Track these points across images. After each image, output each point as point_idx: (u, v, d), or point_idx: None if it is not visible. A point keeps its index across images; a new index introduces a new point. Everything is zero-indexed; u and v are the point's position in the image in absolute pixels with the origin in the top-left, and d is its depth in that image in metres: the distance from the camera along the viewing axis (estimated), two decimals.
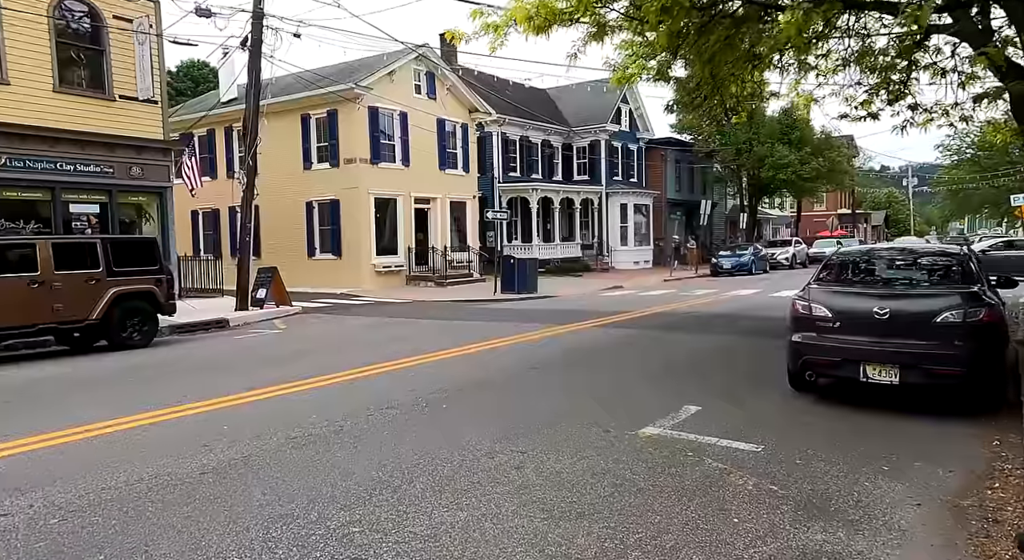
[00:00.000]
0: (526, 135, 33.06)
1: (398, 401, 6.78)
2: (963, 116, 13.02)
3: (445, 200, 25.72)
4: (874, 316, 6.09)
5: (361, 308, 17.48)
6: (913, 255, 7.43)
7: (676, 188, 40.13)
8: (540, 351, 9.87)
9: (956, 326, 5.84)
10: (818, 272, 7.22)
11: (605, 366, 8.63)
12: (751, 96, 14.70)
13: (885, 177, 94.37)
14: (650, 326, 12.47)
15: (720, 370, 8.29)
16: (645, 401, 6.67)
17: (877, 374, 6.07)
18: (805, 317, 6.57)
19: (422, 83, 24.68)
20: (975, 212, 69.49)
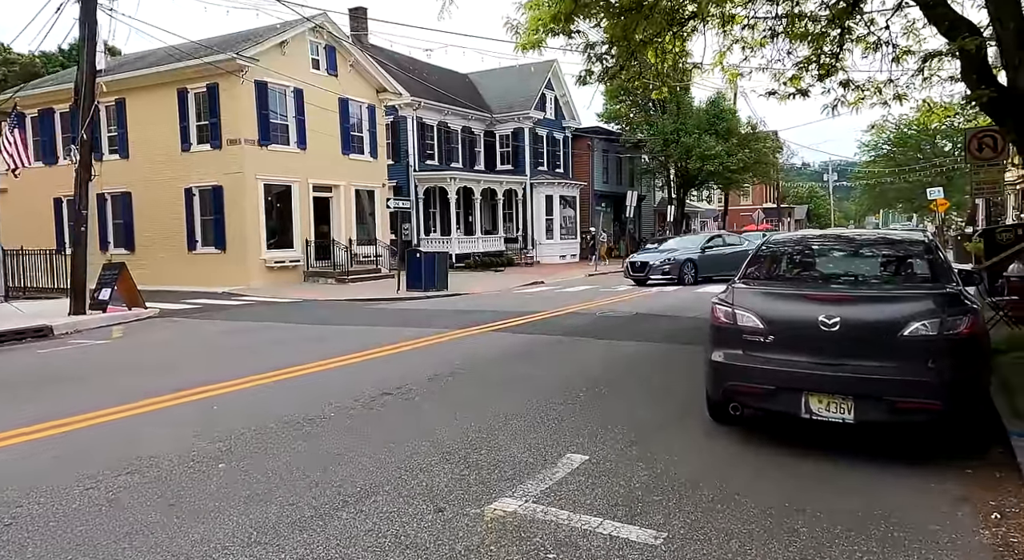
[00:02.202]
0: (444, 120, 30.94)
1: (150, 460, 4.67)
2: (897, 94, 11.86)
3: (350, 188, 23.34)
4: (820, 327, 4.43)
5: (235, 310, 15.04)
6: (865, 244, 5.81)
7: (604, 179, 38.90)
8: (408, 368, 7.90)
9: (930, 341, 4.24)
10: (745, 267, 5.52)
11: (479, 392, 6.74)
12: (673, 68, 13.15)
13: (807, 173, 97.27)
14: (557, 330, 10.70)
15: (626, 392, 6.54)
16: (513, 449, 4.80)
17: (824, 409, 4.41)
18: (728, 328, 4.85)
19: (321, 58, 22.18)
20: (890, 206, 72.10)
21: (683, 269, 18.82)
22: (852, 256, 5.53)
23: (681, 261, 18.93)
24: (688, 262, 19.04)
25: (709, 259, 19.38)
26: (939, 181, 43.34)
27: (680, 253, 19.40)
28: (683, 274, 18.76)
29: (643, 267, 19.02)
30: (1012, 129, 7.17)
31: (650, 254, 20.14)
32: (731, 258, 18.70)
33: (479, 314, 13.13)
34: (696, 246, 20.10)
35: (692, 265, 19.01)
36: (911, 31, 11.32)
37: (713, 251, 19.79)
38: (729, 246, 20.43)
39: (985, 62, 7.60)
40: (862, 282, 5.01)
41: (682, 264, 18.89)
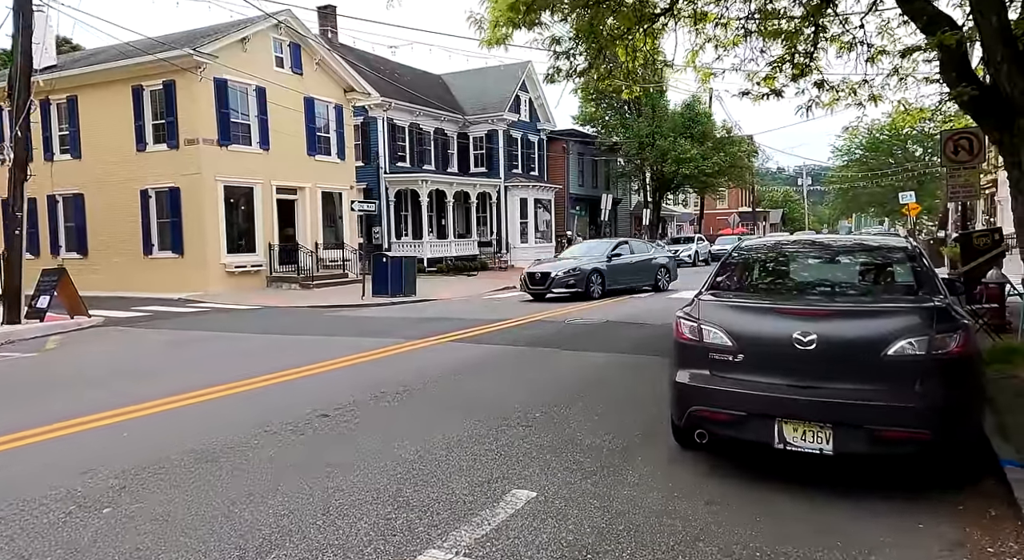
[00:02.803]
0: (416, 122, 30.29)
1: (21, 505, 4.02)
2: (872, 95, 11.55)
3: (316, 190, 22.59)
4: (795, 346, 3.93)
5: (188, 318, 14.26)
6: (843, 251, 5.32)
7: (579, 182, 38.53)
8: (355, 385, 7.30)
9: (917, 362, 3.76)
10: (713, 275, 5.02)
11: (427, 413, 6.16)
12: (644, 67, 12.73)
13: (782, 178, 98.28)
14: (522, 340, 10.15)
15: (588, 410, 6.01)
16: (453, 485, 4.24)
17: (800, 438, 3.91)
18: (693, 345, 4.34)
19: (285, 55, 21.43)
20: (863, 210, 72.90)
21: (590, 280, 16.13)
22: (830, 265, 5.06)
23: (588, 271, 16.14)
24: (595, 272, 16.30)
25: (616, 269, 16.96)
26: (910, 185, 43.76)
27: (586, 262, 16.60)
28: (590, 286, 16.09)
29: (543, 279, 16.03)
30: (994, 128, 6.80)
31: (551, 264, 17.16)
32: (638, 267, 17.60)
33: (443, 322, 12.54)
34: (602, 254, 17.22)
35: (599, 276, 16.41)
36: (886, 30, 11.01)
37: (620, 260, 17.27)
38: (636, 254, 18.13)
39: (965, 58, 7.23)
40: (841, 294, 4.54)
41: (589, 275, 16.14)
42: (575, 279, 15.96)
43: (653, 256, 18.61)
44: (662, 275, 18.26)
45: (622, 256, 17.43)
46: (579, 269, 16.18)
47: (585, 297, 15.89)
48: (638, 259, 17.93)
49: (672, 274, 18.72)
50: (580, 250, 18.46)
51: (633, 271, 17.45)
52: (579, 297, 15.89)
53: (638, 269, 17.62)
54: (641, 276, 17.67)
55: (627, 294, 16.84)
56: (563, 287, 15.84)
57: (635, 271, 17.49)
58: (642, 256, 18.21)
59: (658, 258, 18.62)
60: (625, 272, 17.21)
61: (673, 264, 19.08)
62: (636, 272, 17.51)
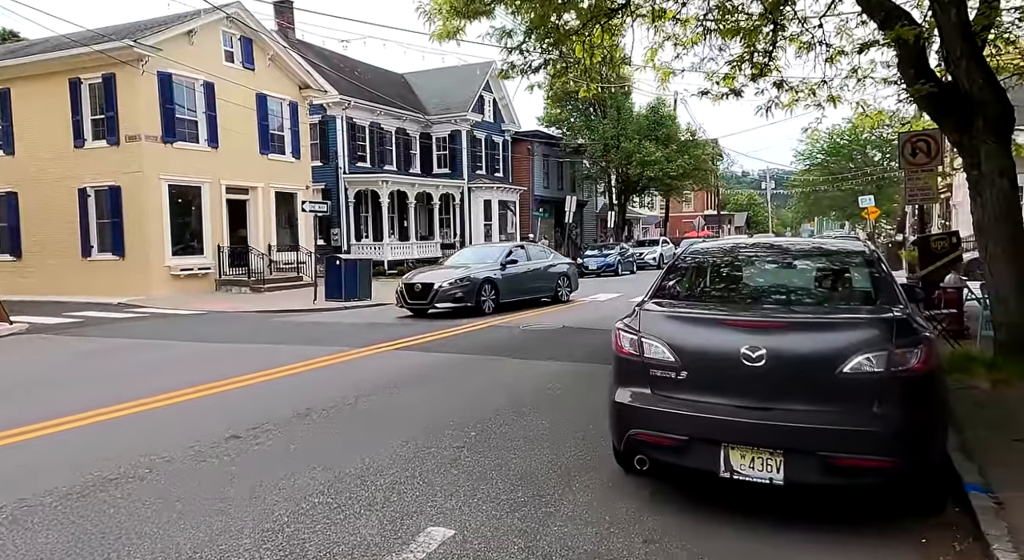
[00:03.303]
0: (377, 121, 29.59)
1: None
2: (831, 96, 11.38)
3: (269, 190, 21.76)
4: (743, 362, 3.52)
5: (122, 324, 13.42)
6: (798, 255, 4.91)
7: (544, 184, 38.21)
8: (282, 399, 6.72)
9: (875, 380, 3.38)
10: (659, 280, 4.59)
11: (352, 432, 5.63)
12: (603, 64, 12.40)
13: (746, 182, 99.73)
14: (472, 347, 9.66)
15: (529, 427, 5.54)
16: (361, 522, 3.71)
17: (748, 466, 3.49)
18: (633, 360, 3.91)
19: (236, 50, 20.59)
20: (824, 214, 74.22)
21: (481, 292, 13.74)
22: (783, 270, 4.67)
23: (479, 281, 13.76)
24: (487, 283, 13.94)
25: (511, 278, 14.60)
26: (870, 189, 44.52)
27: (476, 270, 14.16)
28: (481, 300, 13.73)
29: (425, 292, 13.49)
30: (953, 128, 6.56)
31: (435, 272, 14.55)
32: (535, 276, 15.49)
33: (394, 328, 11.98)
34: (495, 261, 14.67)
35: (492, 287, 14.02)
36: (844, 31, 10.86)
37: (515, 268, 14.91)
38: (534, 261, 15.80)
39: (923, 55, 6.99)
40: (794, 303, 4.15)
41: (480, 285, 13.73)
42: (463, 291, 13.51)
43: (552, 263, 16.44)
44: (562, 284, 16.17)
45: (518, 263, 15.08)
46: (468, 279, 13.75)
47: (475, 312, 13.54)
48: (536, 266, 15.69)
49: (573, 283, 16.70)
50: (469, 256, 15.79)
51: (530, 280, 15.27)
52: (468, 312, 13.54)
53: (536, 278, 15.48)
54: (539, 285, 15.58)
55: (524, 307, 14.65)
56: (449, 301, 13.45)
57: (532, 280, 15.33)
58: (540, 263, 16.00)
59: (557, 265, 16.56)
60: (521, 281, 14.94)
61: (573, 271, 17.09)
62: (534, 281, 15.39)
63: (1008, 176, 6.32)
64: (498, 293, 14.13)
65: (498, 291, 14.15)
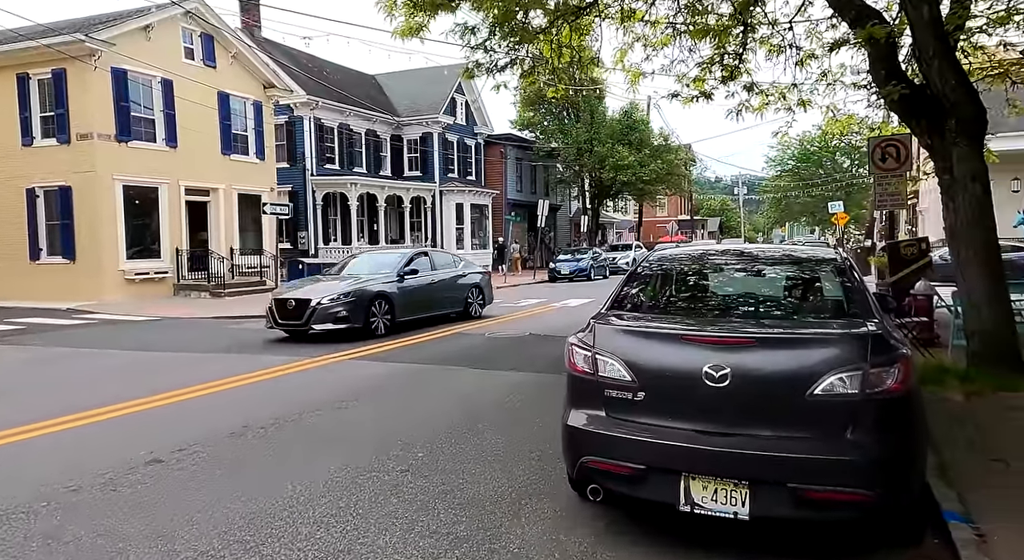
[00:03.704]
0: (346, 122, 28.98)
1: None
2: (801, 100, 11.25)
3: (231, 192, 21.06)
4: (705, 382, 3.17)
5: (66, 332, 12.72)
6: (767, 263, 4.56)
7: (517, 188, 37.88)
8: (222, 415, 6.24)
9: (849, 403, 3.06)
10: (618, 290, 4.24)
11: (291, 450, 5.20)
12: (571, 65, 12.10)
13: (719, 187, 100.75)
14: (431, 356, 9.24)
15: (480, 448, 5.15)
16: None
17: (710, 498, 3.14)
18: (587, 379, 3.54)
19: (196, 47, 19.89)
20: (795, 219, 75.17)
21: (372, 309, 11.28)
22: (750, 280, 4.34)
23: (369, 296, 11.36)
24: (379, 298, 11.54)
25: (410, 292, 12.28)
26: (839, 195, 45.07)
27: (368, 282, 11.76)
28: (372, 319, 11.25)
29: (301, 309, 10.88)
30: (925, 131, 6.34)
31: (316, 286, 11.84)
32: (441, 288, 13.20)
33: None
34: (393, 271, 12.27)
35: (385, 302, 11.62)
36: (815, 34, 10.73)
37: (417, 279, 12.56)
38: (440, 271, 13.43)
39: (895, 56, 6.79)
40: (761, 316, 3.82)
41: (370, 301, 11.33)
42: (349, 308, 10.98)
43: (461, 272, 14.06)
44: (473, 297, 13.99)
45: (419, 273, 12.72)
46: (356, 293, 11.23)
47: (365, 334, 11.02)
48: (442, 277, 13.35)
49: (487, 295, 14.63)
50: (365, 265, 13.16)
51: (435, 293, 13.03)
52: (356, 334, 10.92)
53: (442, 290, 13.21)
54: (446, 299, 13.36)
55: (428, 326, 12.39)
56: (330, 321, 10.82)
57: (438, 293, 13.09)
58: (447, 272, 13.60)
59: (468, 275, 14.24)
60: (424, 295, 12.67)
61: (487, 282, 14.76)
62: (439, 294, 13.13)
63: (980, 180, 6.12)
64: (393, 310, 11.72)
65: (393, 307, 11.72)
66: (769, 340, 3.30)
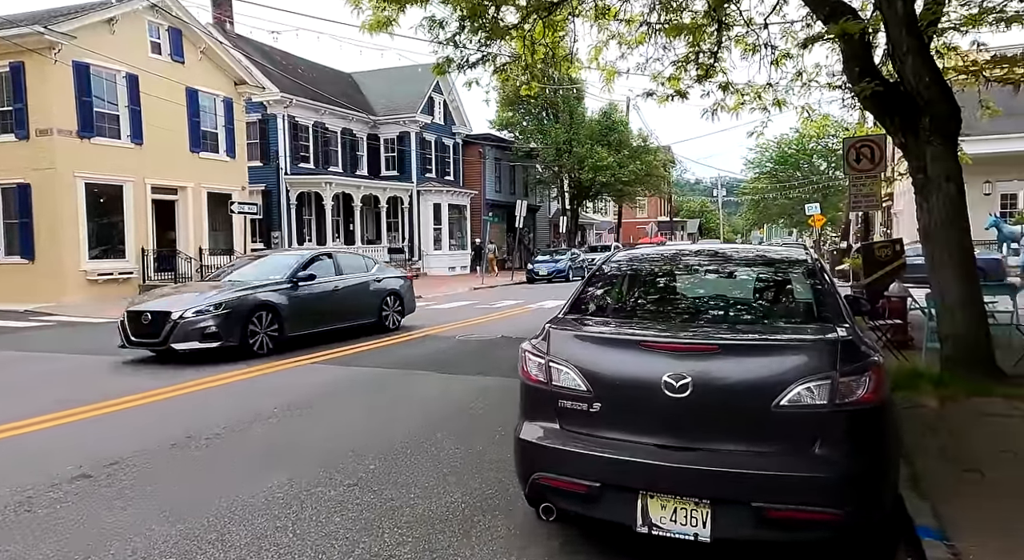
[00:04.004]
0: (321, 121, 28.51)
1: None
2: (777, 100, 11.15)
3: (200, 191, 20.55)
4: (665, 392, 2.94)
5: (16, 335, 12.20)
6: (738, 264, 4.32)
7: (496, 188, 37.62)
8: (168, 421, 5.91)
9: (818, 415, 2.84)
10: (578, 292, 4.00)
11: (232, 463, 4.90)
12: (545, 61, 11.85)
13: (699, 189, 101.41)
14: (396, 360, 8.94)
15: (439, 457, 4.88)
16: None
17: (669, 518, 2.91)
18: (540, 389, 3.29)
19: (163, 41, 19.36)
20: (773, 221, 75.83)
21: (249, 323, 9.23)
22: (716, 282, 4.12)
23: (248, 306, 9.31)
24: (263, 309, 9.48)
25: (305, 300, 10.23)
26: (816, 198, 45.45)
27: (252, 289, 9.70)
28: (249, 334, 9.20)
29: (159, 324, 8.87)
30: (899, 130, 6.19)
31: (183, 295, 9.78)
32: (347, 296, 11.08)
33: (320, 337, 11.13)
34: (283, 275, 10.19)
35: (271, 314, 9.58)
36: (789, 34, 10.64)
37: (314, 285, 10.45)
38: (347, 276, 11.28)
39: (869, 52, 6.65)
40: (726, 321, 3.59)
41: (250, 312, 9.28)
42: (220, 322, 8.94)
43: (375, 277, 11.92)
44: (390, 306, 12.00)
45: (319, 279, 10.64)
46: (231, 303, 9.14)
47: (242, 354, 9.04)
48: (350, 283, 11.25)
49: (407, 303, 12.56)
50: (253, 270, 10.81)
51: (340, 302, 10.93)
52: (230, 354, 8.94)
53: (349, 298, 11.12)
54: (354, 309, 11.24)
55: (331, 341, 10.39)
56: (196, 339, 8.82)
57: (343, 302, 10.99)
58: (357, 278, 11.47)
59: (385, 280, 12.07)
60: (325, 304, 10.61)
61: (408, 287, 12.75)
62: (345, 303, 11.01)
63: (955, 181, 5.99)
64: (282, 323, 9.71)
65: (282, 320, 9.71)
66: (733, 347, 3.07)
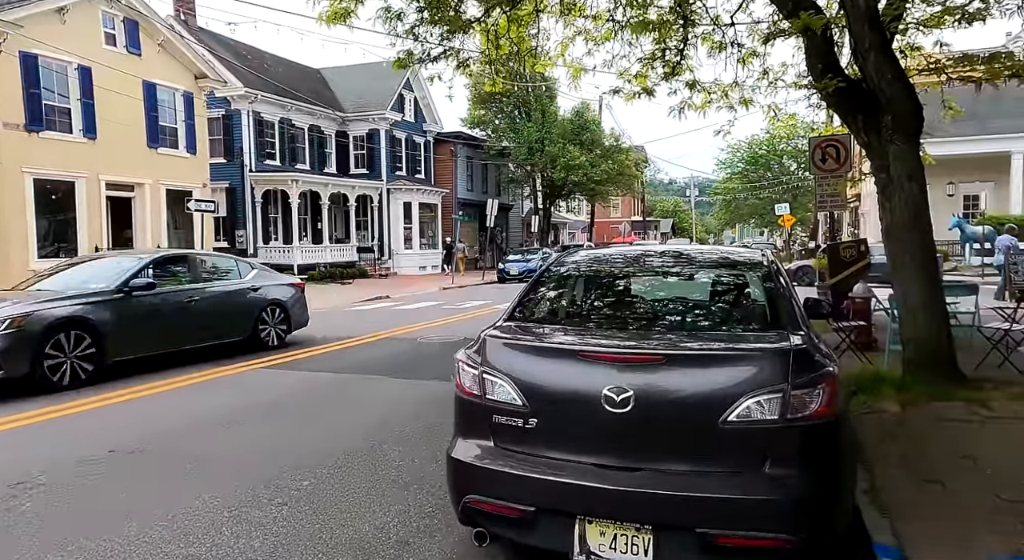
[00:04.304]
0: (288, 117, 27.90)
1: None
2: (743, 99, 11.05)
3: (159, 188, 19.88)
4: (605, 407, 2.69)
5: None
6: (693, 267, 4.06)
7: (468, 187, 37.28)
8: (90, 434, 5.52)
9: (768, 431, 2.62)
10: (521, 295, 3.73)
11: (154, 480, 4.55)
12: (510, 56, 11.61)
13: (673, 189, 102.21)
14: (352, 364, 8.61)
15: (379, 473, 4.59)
16: None
17: (609, 546, 2.66)
18: (474, 403, 3.04)
19: (119, 33, 18.66)
20: (745, 221, 76.65)
21: (47, 346, 7.02)
22: (670, 285, 3.88)
23: (45, 325, 7.06)
24: (72, 327, 7.31)
25: (140, 315, 8.07)
26: (786, 198, 45.95)
27: (56, 303, 7.40)
28: (45, 362, 6.98)
29: None
30: (862, 127, 6.06)
31: None
32: (206, 309, 8.88)
33: None
34: (111, 283, 7.97)
35: (85, 333, 7.43)
36: (756, 32, 10.55)
37: (157, 296, 8.30)
38: (210, 283, 9.27)
39: (831, 48, 6.51)
40: (674, 329, 3.35)
41: (45, 332, 7.05)
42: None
43: (250, 284, 9.78)
44: (270, 319, 9.85)
45: (166, 286, 8.55)
46: (16, 319, 6.89)
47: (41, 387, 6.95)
48: (212, 292, 9.15)
49: (294, 316, 10.36)
50: (77, 275, 8.61)
51: (197, 315, 8.75)
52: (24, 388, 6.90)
53: (208, 311, 8.93)
54: (217, 324, 9.08)
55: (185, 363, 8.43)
56: None
57: (202, 315, 8.84)
58: (221, 285, 9.37)
59: (264, 289, 9.93)
60: (171, 318, 8.44)
61: (296, 298, 10.55)
62: (202, 316, 8.82)
63: (917, 180, 5.87)
64: (102, 344, 7.51)
65: (101, 340, 7.51)
66: (678, 357, 2.83)
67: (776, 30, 7.26)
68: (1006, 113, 22.02)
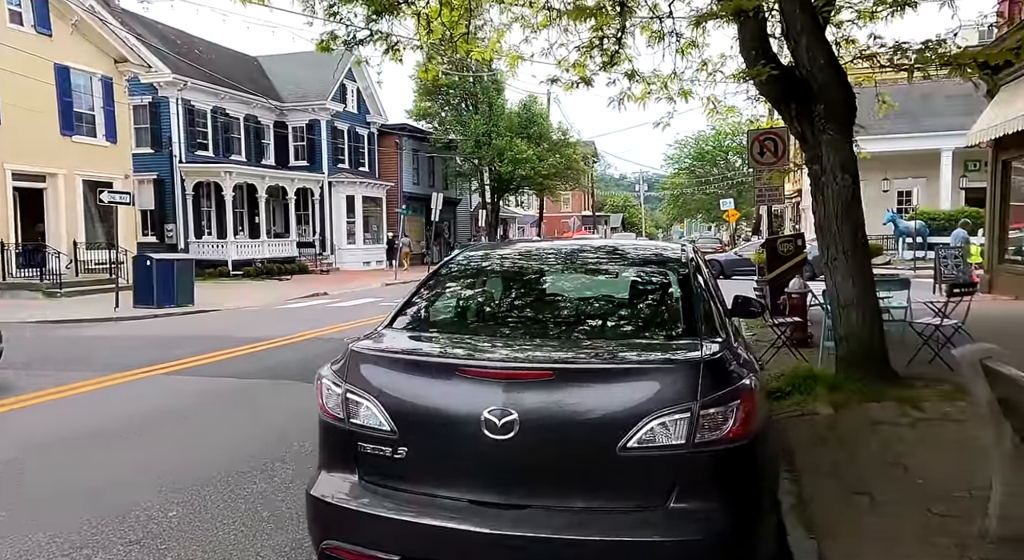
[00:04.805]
0: (221, 106, 26.60)
1: None
2: (683, 90, 10.77)
3: (74, 178, 18.57)
4: (485, 434, 2.24)
5: None
6: (602, 263, 3.61)
7: (414, 180, 36.48)
8: None
9: (674, 458, 2.22)
10: (406, 299, 3.24)
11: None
12: (443, 42, 11.08)
13: (623, 184, 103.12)
14: (266, 368, 7.98)
15: (260, 498, 4.06)
16: None
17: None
18: (338, 428, 2.54)
19: (26, 11, 17.28)
20: (692, 216, 77.91)
21: None
22: (576, 286, 3.45)
23: None
24: None
25: None
26: (731, 193, 46.73)
27: None
28: None
29: None
30: (795, 116, 5.79)
31: None
32: None
33: (191, 342, 9.99)
34: None
35: None
36: (695, 21, 10.33)
37: None
38: None
39: (765, 35, 6.23)
40: (571, 337, 2.91)
41: None
42: None
43: None
44: None
45: None
46: None
47: None
48: None
49: None
50: None
51: None
52: None
53: None
54: None
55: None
56: None
57: None
58: None
59: None
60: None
61: None
62: None
63: (849, 171, 5.64)
64: None
65: None
66: (570, 372, 2.40)
67: (707, 13, 6.95)
68: (937, 112, 22.64)
